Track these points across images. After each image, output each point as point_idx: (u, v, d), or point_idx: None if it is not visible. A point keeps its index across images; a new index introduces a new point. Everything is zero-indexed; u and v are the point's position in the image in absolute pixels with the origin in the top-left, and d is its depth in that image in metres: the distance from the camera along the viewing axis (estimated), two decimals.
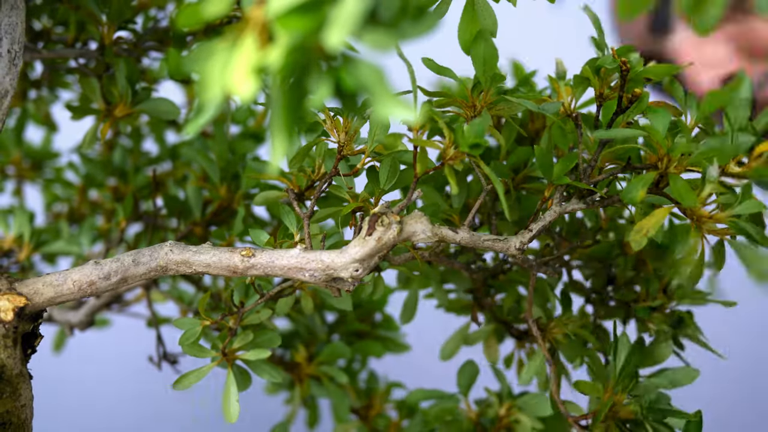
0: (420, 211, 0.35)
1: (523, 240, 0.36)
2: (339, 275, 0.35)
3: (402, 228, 0.34)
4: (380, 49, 0.22)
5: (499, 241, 0.36)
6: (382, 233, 0.34)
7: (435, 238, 0.35)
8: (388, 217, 0.34)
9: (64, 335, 0.61)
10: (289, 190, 0.39)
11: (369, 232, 0.34)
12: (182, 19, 0.24)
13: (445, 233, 0.36)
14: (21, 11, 0.37)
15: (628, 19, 0.28)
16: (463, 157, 0.34)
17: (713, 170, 0.32)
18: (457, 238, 0.36)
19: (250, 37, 0.23)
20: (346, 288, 0.36)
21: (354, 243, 0.35)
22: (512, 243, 0.36)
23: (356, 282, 0.35)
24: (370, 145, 0.37)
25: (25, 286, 0.36)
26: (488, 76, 0.36)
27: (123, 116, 0.43)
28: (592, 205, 0.36)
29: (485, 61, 0.36)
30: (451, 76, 0.37)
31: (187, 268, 0.36)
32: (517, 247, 0.36)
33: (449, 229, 0.36)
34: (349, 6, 0.22)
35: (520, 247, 0.36)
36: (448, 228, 0.36)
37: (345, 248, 0.35)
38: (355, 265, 0.34)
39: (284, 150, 0.23)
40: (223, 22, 0.41)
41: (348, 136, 0.37)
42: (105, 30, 0.43)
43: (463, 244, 0.36)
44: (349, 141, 0.37)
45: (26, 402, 0.37)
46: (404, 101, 0.23)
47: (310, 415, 0.52)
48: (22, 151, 0.62)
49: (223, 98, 0.23)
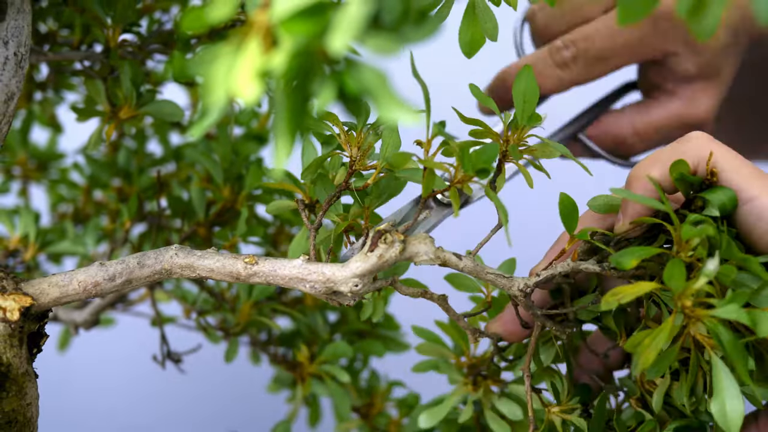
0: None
1: (528, 283, 0.35)
2: (339, 289, 0.35)
3: (405, 247, 0.34)
4: (383, 53, 0.23)
5: (503, 277, 0.35)
6: (384, 251, 0.34)
7: (438, 261, 0.35)
8: (391, 235, 0.34)
9: (69, 334, 0.61)
10: (299, 201, 0.39)
11: (371, 248, 0.34)
12: (186, 22, 0.24)
13: (449, 258, 0.35)
14: (27, 14, 0.37)
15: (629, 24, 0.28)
16: (469, 181, 0.34)
17: (711, 264, 0.30)
18: (460, 265, 0.35)
19: (254, 41, 0.23)
20: (346, 302, 0.36)
21: (356, 258, 0.35)
22: (516, 283, 0.35)
23: (356, 297, 0.35)
24: (382, 161, 0.37)
25: (31, 286, 0.37)
26: (527, 114, 0.35)
27: (127, 118, 0.43)
28: (608, 271, 0.34)
29: (525, 99, 0.35)
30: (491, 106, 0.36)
31: (191, 272, 0.36)
32: (520, 288, 0.35)
33: (452, 254, 0.35)
34: (352, 11, 0.22)
35: (523, 290, 0.35)
36: (452, 253, 0.35)
37: (347, 263, 0.35)
38: (355, 280, 0.34)
39: (287, 153, 0.23)
40: (227, 26, 0.41)
41: (361, 151, 0.36)
42: (110, 33, 0.43)
43: (465, 272, 0.36)
44: (362, 156, 0.36)
45: (32, 400, 0.37)
46: (407, 105, 0.23)
47: (312, 414, 0.53)
48: (27, 152, 0.62)
49: (227, 101, 0.23)
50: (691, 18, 0.27)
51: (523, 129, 0.36)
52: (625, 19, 0.27)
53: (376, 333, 0.53)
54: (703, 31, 0.27)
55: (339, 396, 0.48)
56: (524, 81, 0.35)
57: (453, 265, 0.35)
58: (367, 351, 0.51)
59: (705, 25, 0.27)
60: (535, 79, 0.35)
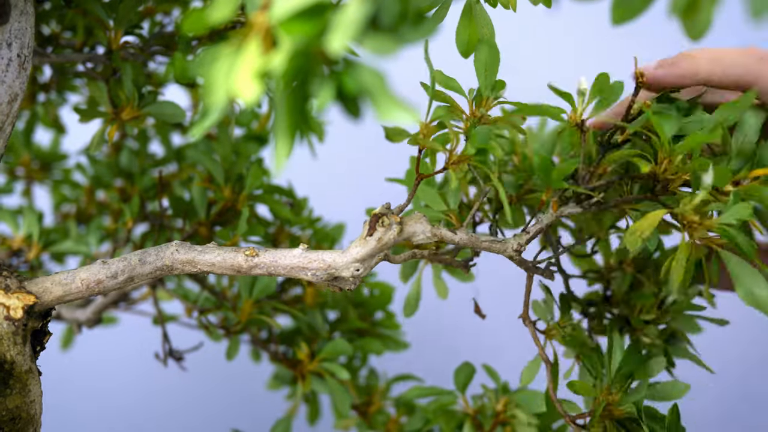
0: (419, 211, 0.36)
1: (521, 242, 0.36)
2: (340, 274, 0.35)
3: (402, 228, 0.35)
4: (381, 54, 0.23)
5: (497, 242, 0.37)
6: (382, 233, 0.34)
7: (434, 239, 0.36)
8: (388, 217, 0.35)
9: (72, 332, 0.61)
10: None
11: (370, 232, 0.35)
12: (188, 24, 0.24)
13: (444, 233, 0.36)
14: (30, 16, 0.37)
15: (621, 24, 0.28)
16: (466, 162, 0.35)
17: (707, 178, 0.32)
18: (455, 239, 0.36)
19: (254, 42, 0.23)
20: (348, 287, 0.36)
21: (355, 243, 0.35)
22: (510, 244, 0.37)
23: (357, 281, 0.36)
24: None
25: (35, 284, 0.37)
26: (489, 83, 0.36)
27: (130, 119, 0.43)
28: (589, 209, 0.36)
29: (487, 68, 0.36)
30: (456, 88, 0.37)
31: (192, 267, 0.36)
32: (514, 248, 0.36)
33: (448, 230, 0.36)
34: (351, 12, 0.22)
35: (517, 249, 0.36)
36: (447, 229, 0.36)
37: (346, 248, 0.35)
38: (356, 265, 0.35)
39: (287, 153, 0.23)
40: (228, 27, 0.41)
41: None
42: (112, 35, 0.43)
43: (461, 244, 0.37)
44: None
45: (35, 398, 0.37)
46: (405, 104, 0.23)
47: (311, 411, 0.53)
48: (31, 152, 0.62)
49: (227, 102, 0.23)
50: (685, 17, 0.27)
51: (487, 100, 0.36)
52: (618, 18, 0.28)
53: (375, 331, 0.53)
54: (696, 30, 0.27)
55: (338, 393, 0.48)
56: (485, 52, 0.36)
57: (449, 240, 0.36)
58: (366, 349, 0.51)
59: (698, 24, 0.27)
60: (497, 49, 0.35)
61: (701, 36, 0.28)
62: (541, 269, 0.39)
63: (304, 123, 0.24)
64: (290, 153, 0.24)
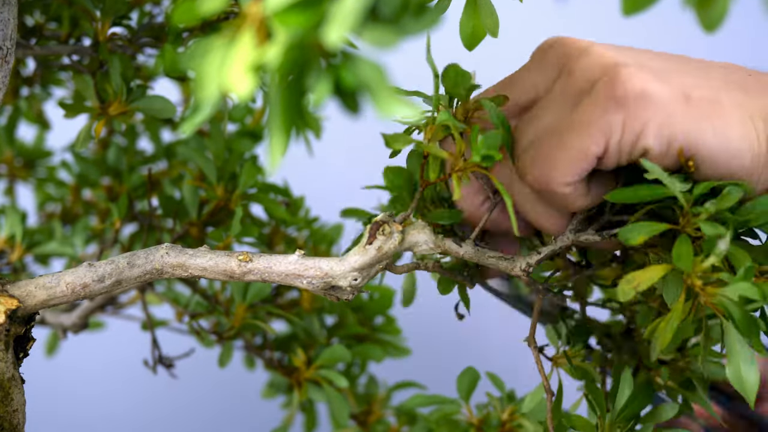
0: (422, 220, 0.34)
1: (530, 262, 0.35)
2: (337, 284, 0.34)
3: (404, 238, 0.34)
4: (381, 46, 0.22)
5: (504, 259, 0.35)
6: (383, 242, 0.33)
7: (438, 250, 0.35)
8: (389, 225, 0.34)
9: (57, 338, 0.61)
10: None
11: (370, 240, 0.34)
12: (178, 15, 0.23)
13: (449, 246, 0.35)
14: (13, 7, 0.37)
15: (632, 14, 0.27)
16: (471, 170, 0.33)
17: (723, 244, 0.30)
18: (460, 252, 0.35)
19: (247, 34, 0.22)
20: (345, 297, 0.35)
21: (354, 251, 0.34)
22: (518, 264, 0.35)
23: (355, 291, 0.35)
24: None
25: (17, 288, 0.36)
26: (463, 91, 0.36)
27: (117, 114, 0.43)
28: (608, 239, 0.34)
29: (456, 84, 0.36)
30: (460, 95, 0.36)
31: (183, 271, 0.36)
32: (522, 268, 0.35)
33: (453, 242, 0.35)
34: (349, 2, 0.21)
35: (525, 269, 0.35)
36: (452, 240, 0.35)
37: (344, 256, 0.34)
38: (354, 274, 0.34)
39: (283, 150, 0.23)
40: (220, 18, 0.41)
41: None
42: (99, 26, 0.43)
43: (466, 258, 0.35)
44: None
45: (18, 407, 0.37)
46: (405, 100, 0.22)
47: (308, 420, 0.52)
48: (14, 149, 0.62)
49: (220, 96, 0.23)
50: (699, 7, 0.27)
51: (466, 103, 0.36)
52: (629, 9, 0.27)
53: (375, 337, 0.52)
54: (710, 21, 0.27)
55: (336, 402, 0.47)
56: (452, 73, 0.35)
57: (454, 253, 0.35)
58: (365, 356, 0.51)
59: (713, 14, 0.27)
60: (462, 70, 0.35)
61: (716, 27, 0.28)
62: (552, 291, 0.37)
63: (300, 118, 0.23)
64: (286, 150, 0.23)
